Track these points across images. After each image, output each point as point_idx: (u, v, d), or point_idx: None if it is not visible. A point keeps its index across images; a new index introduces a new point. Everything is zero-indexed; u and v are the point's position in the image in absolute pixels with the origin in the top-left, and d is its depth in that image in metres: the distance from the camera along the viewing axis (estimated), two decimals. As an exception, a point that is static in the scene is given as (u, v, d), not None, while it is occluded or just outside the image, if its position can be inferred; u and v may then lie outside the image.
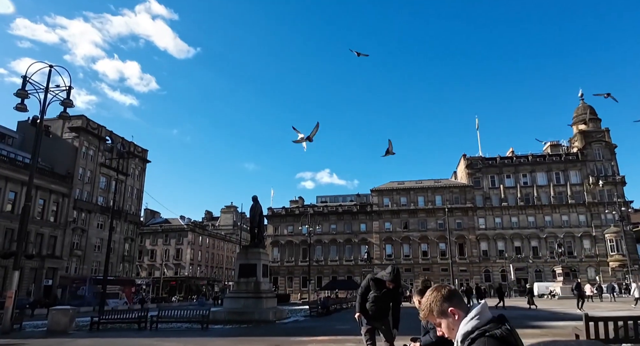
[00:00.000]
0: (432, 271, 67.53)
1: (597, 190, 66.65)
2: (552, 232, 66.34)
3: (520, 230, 67.59)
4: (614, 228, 62.22)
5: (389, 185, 75.38)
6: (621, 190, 66.52)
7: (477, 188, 70.91)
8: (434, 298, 1.87)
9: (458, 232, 68.39)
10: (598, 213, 65.83)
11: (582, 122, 71.93)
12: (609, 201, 64.05)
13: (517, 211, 68.57)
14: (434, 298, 1.86)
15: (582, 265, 63.19)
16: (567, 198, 67.79)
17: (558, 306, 30.38)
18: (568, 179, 68.80)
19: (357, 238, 71.98)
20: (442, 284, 2.02)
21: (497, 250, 67.54)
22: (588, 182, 67.57)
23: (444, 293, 1.86)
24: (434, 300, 1.86)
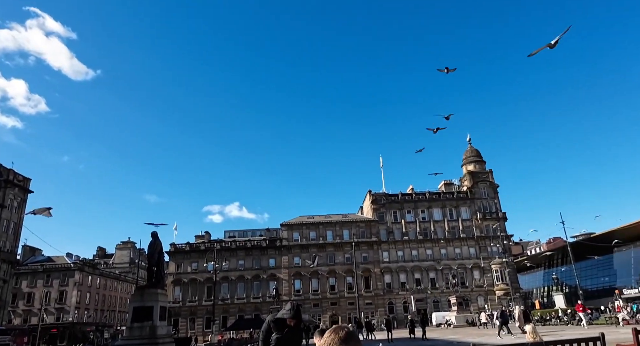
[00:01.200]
0: (340, 306, 68.20)
1: (484, 225, 74.01)
2: (447, 264, 71.47)
3: (419, 263, 71.78)
4: (498, 260, 69.09)
5: (299, 219, 75.85)
6: (503, 225, 74.56)
7: (382, 223, 74.41)
8: (331, 340, 1.88)
9: (364, 265, 70.52)
10: (485, 246, 72.70)
11: (470, 163, 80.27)
12: (493, 235, 71.31)
13: (417, 244, 73.01)
14: (332, 340, 1.88)
15: (473, 295, 68.55)
16: (459, 232, 74.00)
17: (453, 335, 32.36)
18: (460, 215, 75.41)
19: (266, 274, 70.51)
20: (340, 325, 2.04)
21: (400, 283, 70.70)
22: (476, 218, 74.72)
23: (341, 336, 1.88)
24: (331, 343, 1.87)
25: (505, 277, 67.58)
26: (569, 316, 42.89)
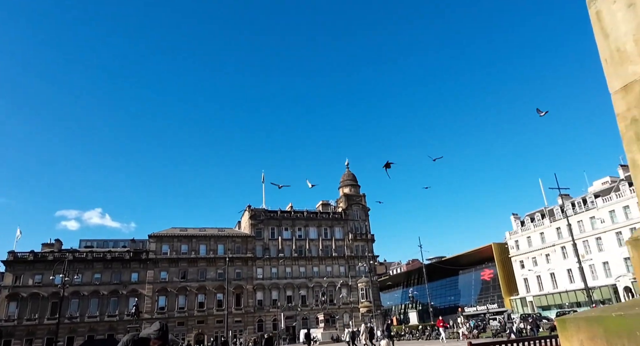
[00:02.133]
0: (207, 324, 65.10)
1: (354, 245, 78.41)
2: (318, 282, 73.58)
3: (292, 280, 72.65)
4: (364, 279, 73.51)
5: (171, 231, 71.25)
6: (371, 246, 79.88)
7: (259, 239, 73.87)
8: None
9: (237, 281, 68.80)
10: (354, 265, 76.80)
11: (347, 186, 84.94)
12: (362, 255, 75.83)
13: (292, 262, 73.94)
14: None
15: (339, 311, 71.46)
16: (332, 251, 77.09)
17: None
18: (334, 235, 78.78)
19: (127, 289, 64.17)
20: None
21: (271, 300, 70.47)
22: (348, 238, 78.81)
23: None
24: None
25: (369, 295, 72.01)
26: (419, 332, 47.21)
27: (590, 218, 60.85)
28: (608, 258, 57.60)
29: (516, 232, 74.35)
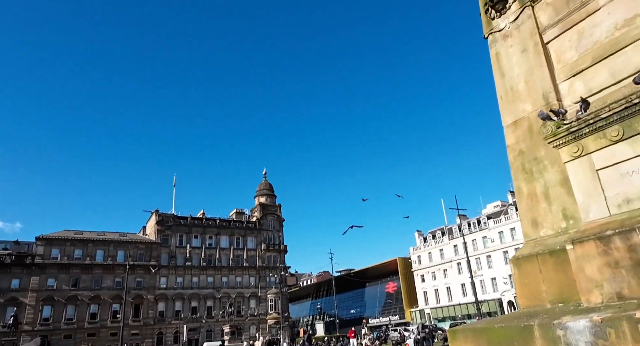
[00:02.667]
0: (100, 337, 59.76)
1: (267, 255, 77.70)
2: (226, 292, 71.43)
3: (199, 290, 69.70)
4: (274, 290, 72.98)
5: (63, 233, 64.67)
6: (283, 257, 79.73)
7: (165, 246, 69.99)
8: None
9: (137, 291, 64.26)
10: (265, 276, 75.91)
11: (263, 196, 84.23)
12: (273, 266, 75.33)
13: (199, 271, 71.02)
14: None
15: (247, 323, 69.92)
16: (243, 261, 75.52)
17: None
18: (246, 244, 77.34)
19: (4, 297, 56.66)
20: None
21: (174, 311, 66.84)
22: (261, 248, 77.88)
23: None
24: None
25: (278, 306, 71.54)
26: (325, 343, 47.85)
27: (483, 238, 66.93)
28: (496, 274, 63.61)
29: (419, 248, 79.22)
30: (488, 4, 7.86)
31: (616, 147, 5.37)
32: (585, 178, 5.68)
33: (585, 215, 5.68)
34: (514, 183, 7.19)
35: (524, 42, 7.35)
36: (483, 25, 8.19)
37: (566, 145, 5.90)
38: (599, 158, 5.55)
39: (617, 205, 5.35)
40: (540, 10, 7.28)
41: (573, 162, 5.82)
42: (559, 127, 5.94)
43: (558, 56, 6.98)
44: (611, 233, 5.07)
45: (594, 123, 5.54)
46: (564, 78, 6.82)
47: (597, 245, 5.21)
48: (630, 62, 5.93)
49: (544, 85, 6.93)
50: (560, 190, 6.42)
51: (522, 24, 7.44)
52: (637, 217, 4.98)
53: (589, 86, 6.36)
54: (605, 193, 5.48)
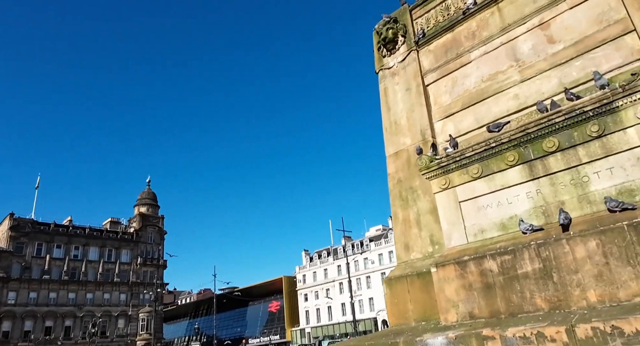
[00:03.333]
0: None
1: (142, 270, 71.85)
2: (90, 311, 64.03)
3: (57, 308, 61.40)
4: (147, 308, 67.41)
5: None
6: (162, 273, 74.50)
7: (19, 255, 60.70)
8: None
9: (-25, 308, 54.37)
10: (138, 292, 69.93)
11: (144, 205, 78.38)
12: (149, 282, 69.84)
13: (59, 286, 62.77)
14: None
15: (112, 345, 63.30)
16: (114, 276, 68.76)
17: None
18: (119, 257, 70.70)
19: None
20: None
21: (23, 331, 57.74)
22: (136, 262, 71.83)
23: None
24: None
25: (150, 326, 66.12)
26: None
27: (364, 259, 70.62)
28: (374, 294, 67.26)
29: (305, 267, 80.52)
30: (381, 42, 8.66)
31: (475, 183, 6.17)
32: (450, 208, 6.40)
33: (448, 242, 6.37)
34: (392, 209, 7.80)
35: (409, 81, 8.20)
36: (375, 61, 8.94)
37: (436, 177, 6.60)
38: (462, 192, 6.31)
39: (474, 234, 6.10)
40: (423, 55, 8.21)
41: (441, 193, 6.53)
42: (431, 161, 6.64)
43: (435, 98, 7.90)
44: (467, 259, 5.76)
45: (459, 161, 6.30)
46: (439, 118, 7.71)
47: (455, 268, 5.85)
48: (491, 111, 6.93)
49: (422, 123, 7.77)
50: (430, 218, 7.12)
51: (408, 65, 8.30)
52: (489, 245, 5.73)
53: (458, 128, 7.26)
54: (465, 223, 6.22)
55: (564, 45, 6.36)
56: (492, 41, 7.18)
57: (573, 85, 5.96)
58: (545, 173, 5.56)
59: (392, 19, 8.53)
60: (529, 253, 5.21)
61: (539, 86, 6.42)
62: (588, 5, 6.21)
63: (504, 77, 6.91)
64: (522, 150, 5.75)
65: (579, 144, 5.32)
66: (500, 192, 5.94)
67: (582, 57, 6.09)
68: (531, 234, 5.38)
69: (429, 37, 8.12)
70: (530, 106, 6.31)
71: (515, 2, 6.99)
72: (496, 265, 5.46)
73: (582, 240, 4.87)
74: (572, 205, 5.29)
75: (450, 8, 7.98)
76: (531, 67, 6.62)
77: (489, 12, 7.31)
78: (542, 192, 5.57)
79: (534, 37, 6.70)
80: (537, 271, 5.12)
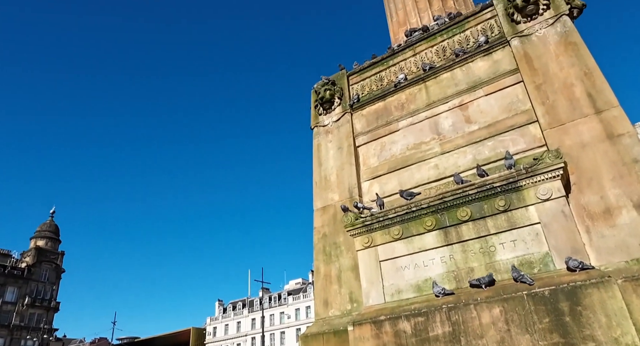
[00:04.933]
0: None
1: (29, 312, 63.06)
2: (-48, 359, 54.23)
3: None
4: (27, 358, 58.59)
5: None
6: (52, 316, 65.95)
7: None
8: None
9: None
10: (20, 338, 60.80)
11: (43, 238, 70.55)
12: (35, 326, 61.32)
13: None
14: None
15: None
16: (-8, 318, 59.57)
17: None
18: (3, 295, 61.79)
19: None
20: None
21: None
22: (23, 302, 63.11)
23: None
24: None
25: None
26: None
27: (281, 314, 68.32)
28: (285, 351, 64.59)
29: (217, 318, 75.83)
30: (318, 101, 9.13)
31: (396, 244, 6.43)
32: (370, 266, 6.56)
33: (367, 300, 6.46)
34: (314, 263, 7.81)
35: (341, 141, 8.63)
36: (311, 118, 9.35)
37: (360, 235, 6.80)
38: (383, 251, 6.53)
39: (391, 293, 6.26)
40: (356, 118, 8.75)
41: (363, 251, 6.71)
42: (356, 218, 6.86)
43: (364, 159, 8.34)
44: (383, 319, 5.85)
45: (382, 221, 6.58)
46: (366, 178, 8.10)
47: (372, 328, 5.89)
48: (414, 177, 7.43)
49: (350, 181, 8.10)
50: (350, 275, 7.21)
51: (342, 126, 8.77)
52: (404, 306, 5.89)
53: (383, 189, 7.64)
54: (384, 282, 6.38)
55: (478, 126, 7.12)
56: (419, 114, 7.85)
57: (485, 162, 6.62)
58: (458, 240, 5.98)
59: (330, 81, 9.06)
60: (440, 316, 5.43)
61: (456, 159, 7.05)
62: (500, 95, 7.09)
63: (427, 148, 7.51)
64: (439, 216, 6.17)
65: (488, 216, 5.84)
66: (417, 254, 6.24)
67: (494, 139, 6.84)
68: (443, 297, 5.64)
69: (362, 103, 8.69)
70: (449, 177, 6.86)
71: (440, 82, 7.79)
72: (410, 327, 5.60)
73: (487, 306, 5.20)
74: (480, 272, 5.68)
75: (384, 80, 8.69)
76: (450, 142, 7.28)
77: (417, 88, 8.04)
78: (455, 258, 5.94)
79: (454, 116, 7.44)
80: (447, 334, 5.32)
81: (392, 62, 8.66)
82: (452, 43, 7.95)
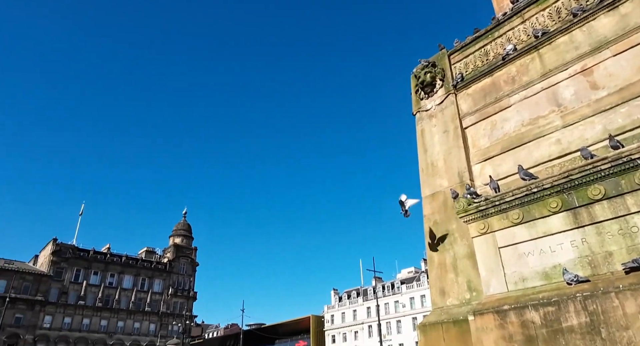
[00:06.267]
0: (-50, 383, 50.31)
1: (173, 301, 72.21)
2: (120, 339, 64.48)
3: (88, 334, 62.22)
4: (175, 340, 66.90)
5: None
6: (191, 305, 74.58)
7: (57, 280, 62.63)
8: None
9: (13, 329, 55.84)
10: (167, 323, 70.03)
11: (179, 236, 79.90)
12: (179, 313, 69.93)
13: (93, 312, 63.88)
14: None
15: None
16: (145, 305, 69.41)
17: None
18: (152, 287, 71.57)
19: None
20: None
21: (54, 356, 58.63)
22: (168, 293, 72.42)
23: None
24: None
25: (176, 359, 65.57)
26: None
27: (395, 302, 68.12)
28: (404, 340, 64.29)
29: (333, 307, 78.45)
30: (418, 85, 8.82)
31: (516, 229, 5.97)
32: (488, 254, 6.19)
33: (487, 289, 6.13)
34: (427, 251, 7.63)
35: (446, 124, 8.23)
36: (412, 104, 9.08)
37: (474, 221, 6.45)
38: (501, 237, 6.11)
39: (514, 282, 5.85)
40: (462, 98, 8.26)
41: (479, 238, 6.35)
42: (469, 204, 6.51)
43: (473, 141, 7.85)
44: (507, 308, 5.49)
45: (499, 205, 6.15)
46: (477, 161, 7.62)
47: (495, 318, 5.58)
48: (532, 155, 6.81)
49: (459, 165, 7.69)
50: (467, 263, 6.90)
51: (446, 108, 8.36)
52: (531, 295, 5.46)
53: (497, 171, 7.14)
54: (505, 270, 5.98)
55: (607, 91, 6.26)
56: (533, 86, 7.16)
57: (618, 132, 5.81)
58: (591, 222, 5.35)
59: (430, 64, 8.71)
60: (575, 306, 4.94)
61: (582, 132, 6.30)
62: (632, 53, 6.15)
63: (545, 122, 6.83)
64: (566, 196, 5.58)
65: (627, 193, 5.12)
66: (542, 239, 5.73)
67: (628, 104, 5.97)
68: (576, 285, 5.12)
69: (467, 81, 8.19)
70: (574, 152, 6.17)
71: (556, 48, 7.00)
72: (539, 317, 5.19)
73: (632, 294, 4.59)
74: (620, 256, 5.03)
75: (490, 54, 8.08)
76: (573, 113, 6.52)
77: (529, 58, 7.34)
78: (588, 241, 5.33)
79: (576, 83, 6.64)
80: (583, 325, 4.83)
81: (497, 34, 8.02)
82: (567, 2, 7.09)
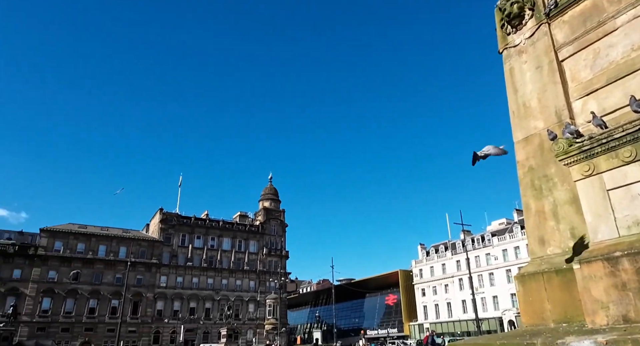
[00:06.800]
0: (97, 332, 59.77)
1: (267, 260, 77.49)
2: (225, 295, 71.26)
3: (198, 291, 69.60)
4: (273, 295, 72.62)
5: (67, 226, 65.03)
6: (284, 263, 79.45)
7: (167, 245, 70.13)
8: None
9: (136, 288, 64.32)
10: (265, 280, 75.65)
11: (267, 200, 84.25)
12: (274, 271, 75.02)
13: (200, 272, 70.99)
14: None
15: (244, 327, 69.63)
16: (244, 264, 75.40)
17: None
18: (248, 248, 77.23)
19: (5, 287, 56.97)
20: None
21: (173, 310, 66.74)
22: (262, 252, 77.72)
23: None
24: None
25: (276, 312, 71.16)
26: None
27: (486, 255, 66.26)
28: (498, 292, 62.85)
29: (421, 261, 78.58)
30: (504, 19, 7.86)
31: (628, 168, 5.29)
32: (595, 198, 5.60)
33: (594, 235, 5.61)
34: (522, 199, 7.13)
35: (539, 58, 7.34)
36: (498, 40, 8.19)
37: (577, 163, 5.82)
38: (610, 179, 5.47)
39: (627, 226, 5.27)
40: (556, 27, 7.26)
41: (583, 181, 5.75)
42: (570, 145, 5.86)
43: (572, 74, 6.95)
44: (619, 255, 5.00)
45: (606, 143, 5.46)
46: (577, 96, 6.78)
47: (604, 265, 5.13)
48: (646, 83, 5.90)
49: (557, 103, 6.90)
50: (569, 209, 6.36)
51: (538, 41, 7.43)
52: (647, 239, 4.90)
53: (602, 106, 6.31)
54: (615, 214, 5.40)
55: None
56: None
57: None
58: None
59: (516, -8, 7.76)
60: None
61: None
62: None
63: (662, 43, 5.84)
64: (692, 127, 4.80)
65: None
66: (661, 177, 5.05)
67: None
68: None
69: (562, 7, 7.19)
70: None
71: (675, -48, 5.85)
72: (658, 263, 4.67)
73: None
74: None
75: (589, -30, 6.99)
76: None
77: (640, -31, 6.23)
78: None
79: None
80: None
81: (597, -55, 6.88)
82: None
